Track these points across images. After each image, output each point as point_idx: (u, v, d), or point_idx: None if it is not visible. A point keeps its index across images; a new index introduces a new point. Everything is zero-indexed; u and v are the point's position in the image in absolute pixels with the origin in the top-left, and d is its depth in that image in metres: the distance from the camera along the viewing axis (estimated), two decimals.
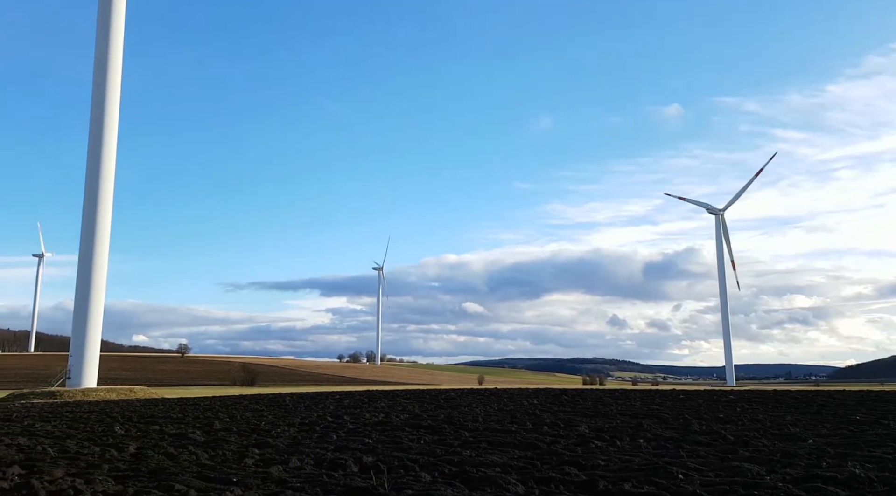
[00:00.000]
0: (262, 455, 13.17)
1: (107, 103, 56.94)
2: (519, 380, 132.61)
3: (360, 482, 9.53)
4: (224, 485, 9.53)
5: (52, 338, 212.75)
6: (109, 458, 13.14)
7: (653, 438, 14.52)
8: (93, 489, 9.33)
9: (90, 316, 55.20)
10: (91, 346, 55.33)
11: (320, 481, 9.75)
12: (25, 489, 9.50)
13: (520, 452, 12.54)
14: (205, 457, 13.17)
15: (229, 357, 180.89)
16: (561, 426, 17.72)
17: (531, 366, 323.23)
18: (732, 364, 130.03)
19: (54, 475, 10.73)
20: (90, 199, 56.03)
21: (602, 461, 11.13)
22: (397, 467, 10.94)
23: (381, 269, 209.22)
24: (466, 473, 9.95)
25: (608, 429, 16.79)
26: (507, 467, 10.64)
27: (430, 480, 9.71)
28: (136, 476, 10.78)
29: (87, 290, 55.19)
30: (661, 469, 10.00)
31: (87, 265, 55.45)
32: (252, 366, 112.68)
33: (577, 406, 26.80)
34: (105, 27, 57.60)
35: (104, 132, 56.61)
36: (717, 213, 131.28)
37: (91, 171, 56.35)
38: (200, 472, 10.92)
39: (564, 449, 12.90)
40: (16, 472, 11.08)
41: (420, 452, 12.83)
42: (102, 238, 56.12)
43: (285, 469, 11.21)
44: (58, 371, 65.05)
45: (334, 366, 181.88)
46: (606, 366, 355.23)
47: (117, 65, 57.86)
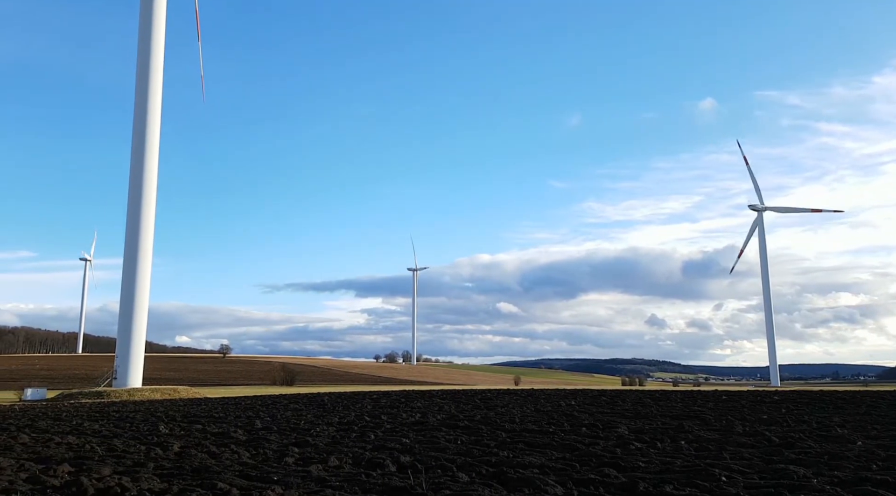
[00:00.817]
0: (301, 454, 13.34)
1: (148, 112, 58.48)
2: (556, 381, 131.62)
3: (398, 482, 9.57)
4: (265, 484, 9.68)
5: (99, 339, 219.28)
6: (154, 457, 13.47)
7: (694, 440, 14.24)
8: (139, 487, 9.57)
9: (135, 319, 56.76)
10: (136, 348, 56.89)
11: (359, 480, 9.83)
12: (75, 486, 9.81)
13: (558, 454, 12.43)
14: (246, 455, 13.41)
15: (269, 357, 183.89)
16: (600, 427, 17.51)
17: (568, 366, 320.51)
18: (777, 364, 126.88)
19: (102, 473, 11.05)
20: (134, 204, 57.63)
21: (642, 463, 10.96)
22: (434, 467, 10.95)
23: (415, 271, 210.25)
24: (504, 474, 9.90)
25: (648, 430, 16.53)
26: (545, 468, 10.55)
27: (468, 481, 9.70)
28: (180, 474, 11.03)
29: (132, 294, 56.76)
30: (703, 471, 9.80)
31: (132, 269, 57.02)
32: (291, 366, 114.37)
33: (616, 407, 26.45)
34: (146, 35, 59.15)
35: (146, 140, 58.15)
36: (760, 210, 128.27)
37: (134, 178, 57.96)
38: (242, 471, 11.11)
39: (603, 450, 12.74)
40: (66, 470, 11.45)
41: (457, 453, 12.82)
42: (146, 242, 57.65)
43: (325, 468, 11.32)
44: (105, 372, 67.03)
45: (371, 366, 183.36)
46: (646, 366, 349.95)
47: (158, 75, 59.32)
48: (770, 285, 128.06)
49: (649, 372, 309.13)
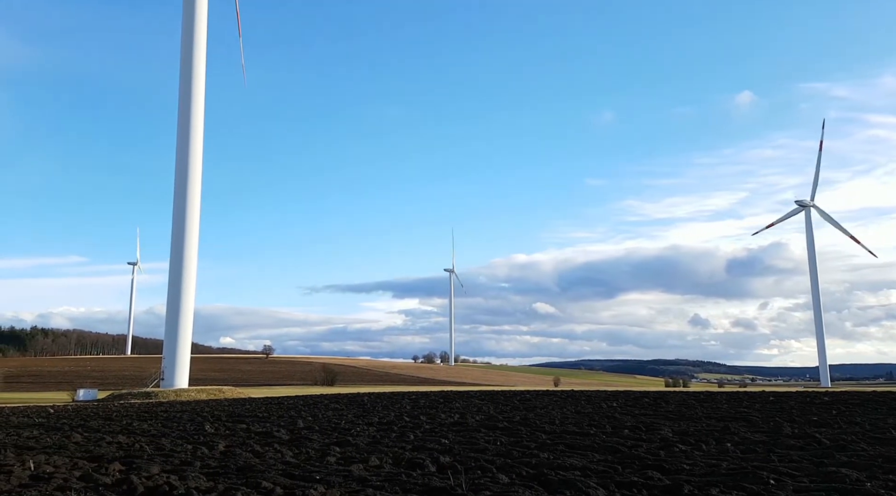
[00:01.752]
0: (343, 453, 13.48)
1: (192, 119, 59.95)
2: (596, 382, 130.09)
3: (438, 482, 9.59)
4: (308, 483, 9.81)
5: (147, 341, 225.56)
6: (201, 456, 13.79)
7: (741, 442, 13.90)
8: (186, 485, 9.80)
9: (181, 321, 58.24)
10: (182, 350, 58.36)
11: (399, 480, 9.88)
12: (125, 484, 10.11)
13: (599, 456, 12.28)
14: (289, 454, 13.62)
15: (310, 357, 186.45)
16: (642, 429, 17.24)
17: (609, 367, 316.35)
18: (826, 364, 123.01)
19: (151, 471, 11.36)
20: (179, 210, 59.17)
21: (687, 465, 10.74)
22: (474, 468, 10.94)
23: (452, 272, 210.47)
24: (545, 476, 9.83)
25: (693, 432, 16.21)
26: (587, 471, 10.44)
27: (508, 482, 9.66)
28: (225, 473, 11.26)
29: (178, 297, 58.27)
30: (750, 474, 9.55)
31: (178, 273, 58.54)
32: (331, 366, 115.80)
33: (659, 409, 26.01)
34: (188, 42, 60.67)
35: (190, 146, 59.66)
36: (807, 206, 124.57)
37: (179, 184, 59.51)
38: (285, 470, 11.29)
39: (647, 453, 12.54)
40: (117, 468, 11.81)
41: (497, 454, 12.79)
42: (191, 246, 59.12)
43: (365, 467, 11.42)
44: (152, 373, 68.90)
45: (409, 366, 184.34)
46: (690, 367, 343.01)
47: (200, 84, 60.78)
48: (819, 283, 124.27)
49: (693, 373, 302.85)
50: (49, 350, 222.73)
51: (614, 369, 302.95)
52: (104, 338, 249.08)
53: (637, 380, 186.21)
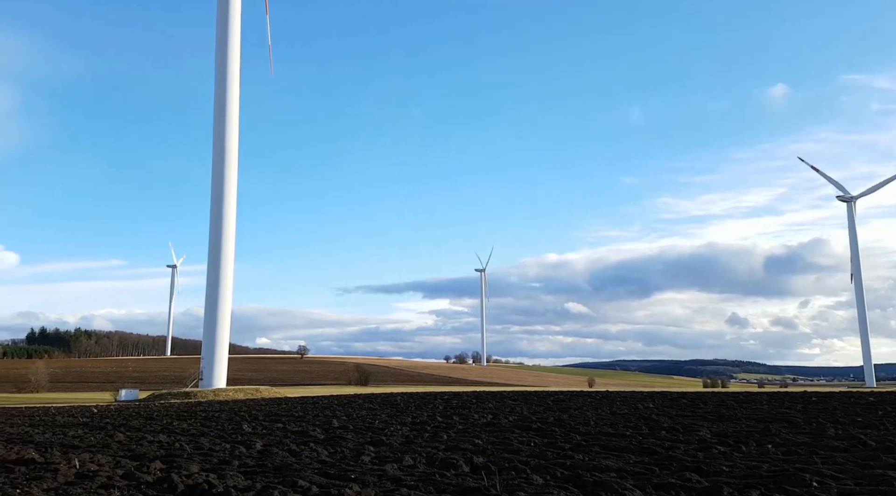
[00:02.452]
0: (377, 453, 13.57)
1: (227, 125, 61.05)
2: (632, 383, 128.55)
3: (472, 482, 9.58)
4: (343, 482, 9.90)
5: (186, 341, 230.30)
6: (238, 455, 14.03)
7: (782, 443, 13.57)
8: (224, 484, 9.98)
9: (219, 323, 59.34)
10: (220, 350, 59.45)
11: (433, 480, 9.90)
12: (166, 482, 10.34)
13: (636, 457, 12.12)
14: (324, 454, 13.76)
15: (344, 358, 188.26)
16: (680, 430, 16.96)
17: (645, 368, 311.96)
18: (871, 363, 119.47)
19: (191, 470, 11.60)
20: (216, 214, 60.32)
21: (726, 467, 10.53)
22: (508, 469, 10.89)
23: (483, 272, 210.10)
24: (580, 477, 9.74)
25: (732, 433, 15.88)
26: (623, 472, 10.31)
27: (543, 483, 9.59)
28: (262, 472, 11.44)
29: (216, 299, 59.38)
30: (792, 476, 9.32)
31: (215, 275, 59.67)
32: (365, 366, 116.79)
33: (697, 410, 25.56)
34: (223, 51, 61.79)
35: (226, 151, 60.77)
36: (850, 200, 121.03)
37: (215, 189, 60.65)
38: (321, 469, 11.41)
39: (684, 454, 12.33)
40: (158, 467, 12.08)
41: (531, 454, 12.72)
42: (228, 249, 60.21)
43: (400, 467, 11.47)
44: (191, 373, 70.35)
45: (441, 366, 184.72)
46: (729, 367, 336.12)
47: (234, 91, 61.85)
48: (862, 280, 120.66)
49: (732, 373, 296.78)
50: (92, 351, 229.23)
51: (650, 370, 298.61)
52: (145, 339, 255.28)
53: (674, 381, 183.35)
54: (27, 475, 11.54)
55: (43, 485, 10.40)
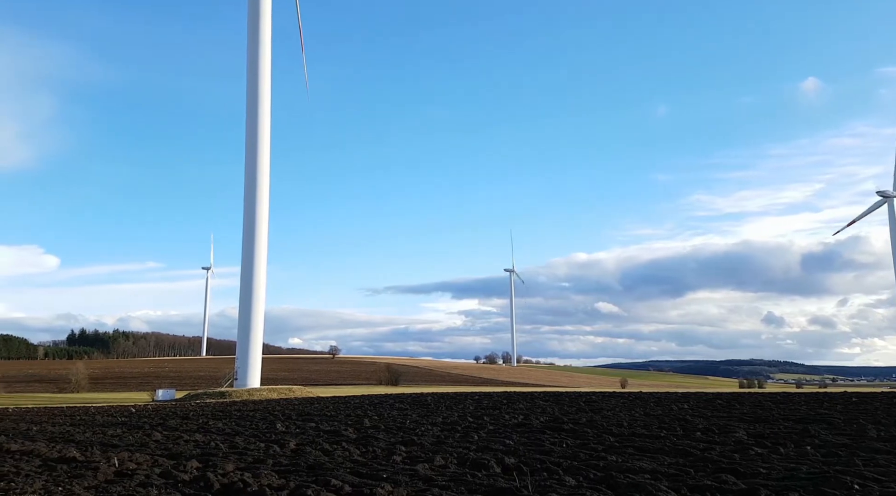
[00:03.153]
0: (408, 452, 13.62)
1: (259, 130, 61.95)
2: (666, 384, 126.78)
3: (504, 483, 9.55)
4: (375, 482, 9.96)
5: (220, 342, 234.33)
6: (273, 454, 14.22)
7: (821, 445, 13.24)
8: (259, 482, 10.12)
9: (252, 324, 60.23)
10: (254, 351, 60.33)
11: (465, 480, 9.89)
12: (203, 481, 10.52)
13: (670, 459, 11.95)
14: (357, 453, 13.86)
15: (374, 358, 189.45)
16: (715, 432, 16.67)
17: (679, 368, 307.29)
18: None
19: (226, 469, 11.79)
20: (249, 217, 61.27)
21: (763, 469, 10.32)
22: (540, 470, 10.83)
23: (512, 272, 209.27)
24: (613, 479, 9.64)
25: (769, 434, 15.55)
26: (657, 474, 10.17)
27: (575, 484, 9.52)
28: (296, 471, 11.57)
29: (249, 301, 60.31)
30: (832, 478, 9.08)
31: (249, 278, 60.59)
32: (395, 366, 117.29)
33: (732, 410, 25.09)
34: (254, 56, 62.68)
35: (258, 156, 61.72)
36: (891, 197, 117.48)
37: (248, 192, 61.60)
38: (353, 468, 11.49)
39: (720, 456, 12.11)
40: (194, 466, 12.31)
41: (563, 456, 12.62)
42: (261, 252, 61.09)
43: (431, 467, 11.49)
44: (226, 373, 71.52)
45: (471, 367, 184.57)
46: (765, 367, 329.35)
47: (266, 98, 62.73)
48: None
49: (769, 373, 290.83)
50: (130, 352, 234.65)
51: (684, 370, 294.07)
52: (181, 340, 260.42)
53: (709, 382, 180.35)
54: (69, 473, 11.86)
55: (84, 483, 10.68)
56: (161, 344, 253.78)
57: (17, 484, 10.52)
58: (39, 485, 10.34)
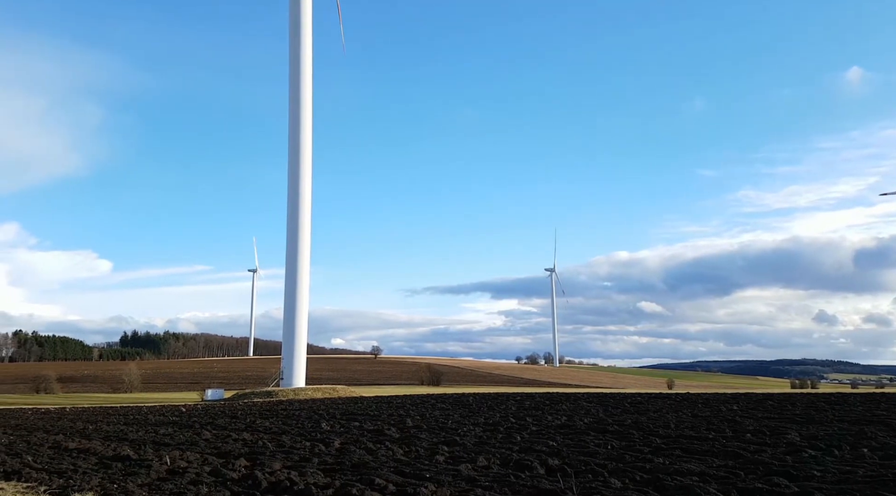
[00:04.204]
0: (451, 452, 13.63)
1: (301, 136, 62.99)
2: (714, 385, 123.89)
3: (548, 484, 9.47)
4: (418, 481, 10.01)
5: (266, 343, 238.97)
6: (318, 453, 14.42)
7: (879, 447, 12.74)
8: (305, 481, 10.28)
9: (297, 325, 61.26)
10: (299, 352, 61.35)
11: (508, 481, 9.86)
12: (251, 479, 10.74)
13: (719, 461, 11.67)
14: (400, 452, 13.95)
15: (415, 358, 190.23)
16: (766, 433, 16.21)
17: (727, 368, 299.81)
18: None
19: (273, 467, 12.01)
20: (292, 220, 62.35)
21: (817, 472, 9.99)
22: (584, 471, 10.71)
23: (553, 271, 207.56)
24: (660, 481, 9.47)
25: (823, 436, 15.04)
26: (706, 476, 9.95)
27: (621, 487, 9.38)
28: (341, 469, 11.71)
29: (294, 303, 61.35)
30: (891, 481, 8.74)
31: (293, 281, 61.65)
32: (436, 366, 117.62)
33: (784, 412, 24.36)
34: (296, 63, 63.75)
35: (300, 161, 62.75)
36: None
37: (291, 196, 62.69)
38: (397, 468, 11.57)
39: (772, 458, 11.77)
40: (243, 464, 12.58)
41: (608, 457, 12.46)
42: (304, 255, 62.09)
43: (474, 467, 11.49)
44: (273, 373, 72.90)
45: (512, 367, 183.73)
46: (818, 367, 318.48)
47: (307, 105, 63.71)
48: None
49: (822, 373, 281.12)
50: (180, 352, 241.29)
51: (733, 370, 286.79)
52: (228, 340, 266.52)
53: (759, 382, 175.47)
54: (123, 471, 12.26)
55: (137, 480, 11.02)
56: (210, 344, 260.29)
57: (76, 481, 10.93)
58: (96, 482, 10.71)
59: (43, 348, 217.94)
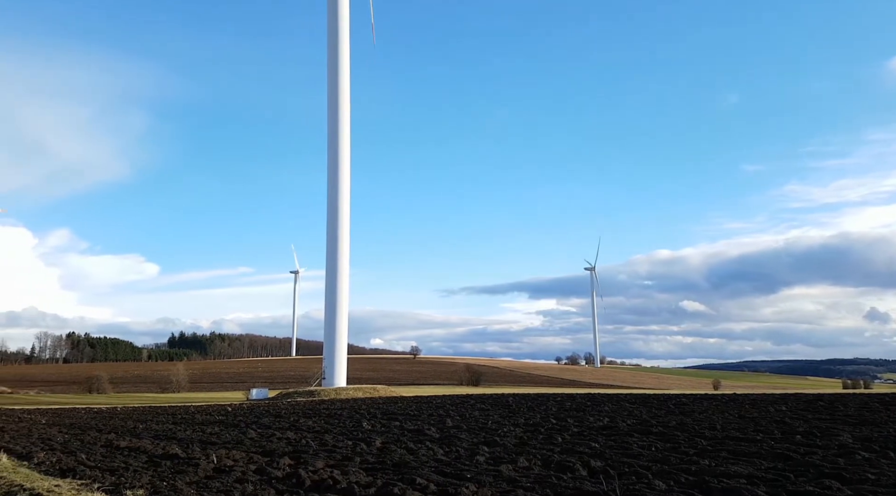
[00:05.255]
0: (491, 453, 13.60)
1: (339, 141, 63.77)
2: (761, 385, 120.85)
3: (590, 486, 9.37)
4: (459, 481, 10.01)
5: (308, 343, 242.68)
6: (360, 452, 14.56)
7: None
8: (348, 480, 10.39)
9: (338, 325, 62.02)
10: (340, 352, 62.11)
11: (550, 483, 9.78)
12: (295, 478, 10.91)
13: (767, 463, 11.37)
14: (440, 452, 13.98)
15: (454, 358, 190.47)
16: (817, 435, 15.72)
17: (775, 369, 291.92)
18: None
19: (316, 466, 12.17)
20: (331, 222, 63.16)
21: (871, 475, 9.64)
22: (628, 473, 10.56)
23: (593, 270, 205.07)
24: (706, 483, 9.27)
25: (878, 438, 14.50)
26: (754, 478, 9.70)
27: (666, 489, 9.22)
28: (382, 468, 11.80)
29: (334, 304, 62.14)
30: None
31: (333, 282, 62.44)
32: (475, 367, 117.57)
33: (836, 413, 23.58)
34: (334, 68, 64.54)
35: (339, 166, 63.57)
36: None
37: (331, 200, 63.50)
38: (437, 467, 11.60)
39: (822, 460, 11.41)
40: (286, 463, 12.78)
41: (651, 459, 12.25)
42: (343, 257, 62.83)
43: (514, 468, 11.44)
44: (314, 372, 73.90)
45: (552, 368, 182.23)
46: (871, 367, 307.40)
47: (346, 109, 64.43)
48: None
49: (876, 373, 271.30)
50: (225, 353, 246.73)
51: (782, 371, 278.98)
52: (272, 341, 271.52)
53: (809, 382, 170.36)
54: (172, 469, 12.59)
55: (186, 478, 11.30)
56: (254, 345, 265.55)
57: (127, 478, 11.26)
58: (146, 480, 11.02)
59: (95, 349, 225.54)
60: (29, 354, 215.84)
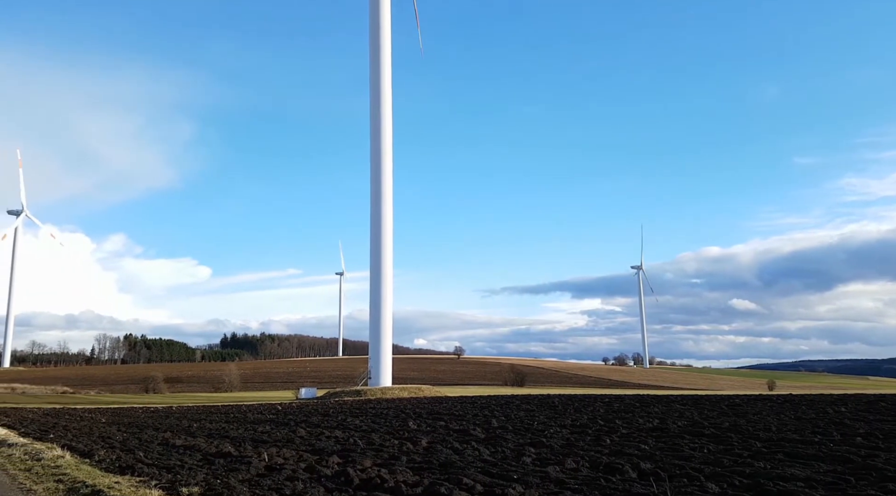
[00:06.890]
0: (538, 454, 13.50)
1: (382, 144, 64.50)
2: (819, 385, 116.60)
3: (640, 489, 9.21)
4: (506, 482, 9.97)
5: (355, 343, 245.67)
6: (406, 451, 14.66)
7: None
8: (395, 479, 10.47)
9: (382, 326, 62.63)
10: (385, 352, 62.70)
11: (598, 484, 9.65)
12: (343, 476, 11.06)
13: (826, 466, 10.97)
14: (486, 453, 13.95)
15: (498, 358, 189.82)
16: (879, 437, 15.08)
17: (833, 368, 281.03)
18: None
19: (364, 464, 12.31)
20: (375, 226, 63.91)
21: None
22: (679, 476, 10.33)
23: (640, 269, 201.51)
24: (761, 486, 9.00)
25: None
26: (812, 482, 9.37)
27: (719, 492, 8.99)
28: (429, 468, 11.85)
29: (379, 304, 62.79)
30: None
31: (378, 283, 63.10)
32: (519, 367, 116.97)
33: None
34: (376, 74, 65.25)
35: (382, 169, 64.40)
36: None
37: (374, 202, 64.23)
38: (483, 468, 11.58)
39: (885, 463, 10.94)
40: (335, 461, 12.96)
41: (704, 461, 11.96)
42: (387, 258, 63.42)
43: (562, 469, 11.33)
44: (361, 372, 74.76)
45: (599, 368, 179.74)
46: None
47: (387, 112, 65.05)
48: None
49: None
50: (275, 353, 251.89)
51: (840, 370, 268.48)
52: (319, 341, 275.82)
53: (870, 382, 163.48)
54: (225, 466, 12.91)
55: (238, 476, 11.58)
56: (302, 345, 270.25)
57: (182, 476, 11.60)
58: (201, 478, 11.33)
59: (151, 351, 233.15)
60: (89, 355, 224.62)
